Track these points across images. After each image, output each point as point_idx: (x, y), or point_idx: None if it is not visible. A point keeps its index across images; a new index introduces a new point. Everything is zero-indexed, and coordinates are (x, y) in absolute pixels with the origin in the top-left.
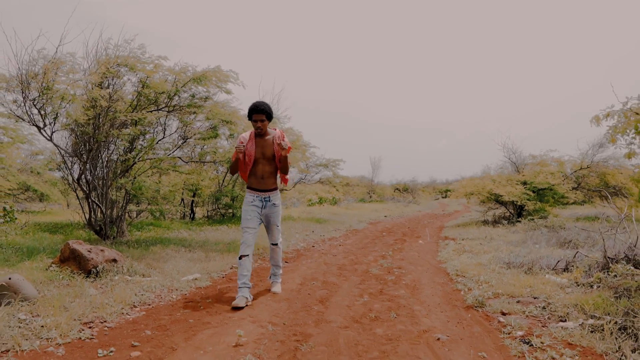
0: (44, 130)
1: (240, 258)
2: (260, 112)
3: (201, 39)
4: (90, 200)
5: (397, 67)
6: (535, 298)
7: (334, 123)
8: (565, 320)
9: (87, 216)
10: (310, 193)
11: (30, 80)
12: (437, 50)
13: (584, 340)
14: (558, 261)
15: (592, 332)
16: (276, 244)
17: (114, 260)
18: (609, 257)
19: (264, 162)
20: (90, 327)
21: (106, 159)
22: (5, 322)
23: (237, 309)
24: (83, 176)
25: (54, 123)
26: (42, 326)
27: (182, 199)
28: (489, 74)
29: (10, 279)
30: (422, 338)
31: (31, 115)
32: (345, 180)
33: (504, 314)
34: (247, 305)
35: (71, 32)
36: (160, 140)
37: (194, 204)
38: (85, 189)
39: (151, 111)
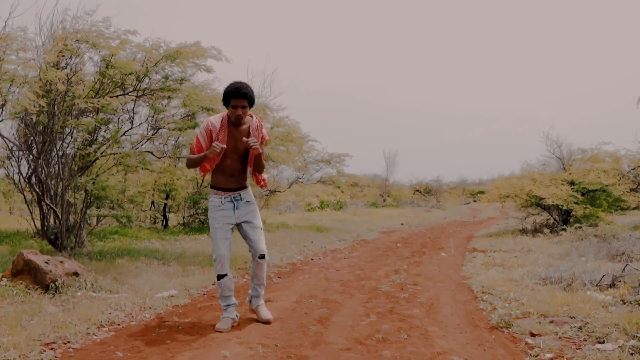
0: None
1: (218, 279)
2: (241, 97)
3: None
4: (43, 204)
5: (421, 41)
6: (572, 317)
7: (339, 107)
8: (604, 342)
9: (40, 223)
10: (309, 195)
11: None
12: (473, 20)
13: None
14: (604, 276)
15: (631, 354)
16: (263, 257)
17: (76, 274)
18: None
19: (234, 157)
20: (52, 349)
21: (61, 153)
22: None
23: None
24: (34, 174)
25: (2, 111)
26: None
27: (153, 202)
28: (537, 51)
29: None
30: None
31: None
32: (353, 180)
33: (533, 335)
34: (233, 327)
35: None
36: (127, 131)
37: (167, 209)
38: (37, 189)
39: (116, 96)
